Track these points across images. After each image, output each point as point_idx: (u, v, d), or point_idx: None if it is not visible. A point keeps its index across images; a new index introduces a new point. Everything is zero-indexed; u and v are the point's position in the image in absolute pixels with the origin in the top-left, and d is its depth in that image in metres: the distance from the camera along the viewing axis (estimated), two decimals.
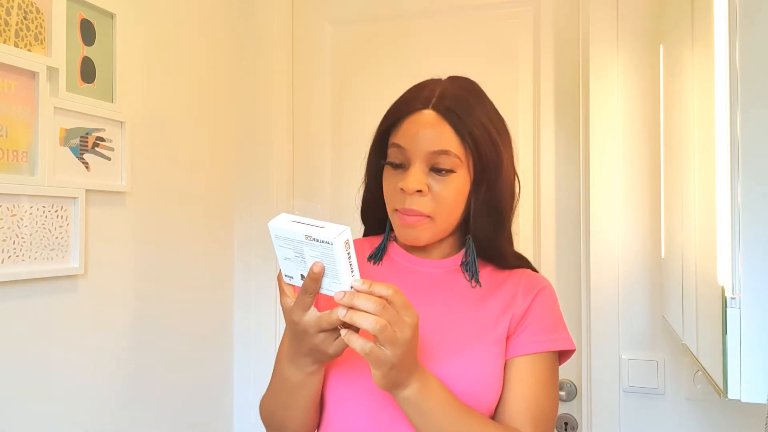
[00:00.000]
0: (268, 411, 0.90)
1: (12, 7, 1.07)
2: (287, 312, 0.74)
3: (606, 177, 1.47)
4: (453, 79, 0.91)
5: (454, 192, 0.85)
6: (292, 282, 0.75)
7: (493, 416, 0.85)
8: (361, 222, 1.03)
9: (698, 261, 0.92)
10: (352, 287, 0.69)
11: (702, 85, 0.88)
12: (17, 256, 1.09)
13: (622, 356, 1.45)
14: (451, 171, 0.84)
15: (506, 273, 0.93)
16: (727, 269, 0.74)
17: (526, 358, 0.85)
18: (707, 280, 0.84)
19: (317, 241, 0.68)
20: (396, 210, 0.87)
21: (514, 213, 0.93)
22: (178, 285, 1.53)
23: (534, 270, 0.96)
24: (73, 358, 1.21)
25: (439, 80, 0.91)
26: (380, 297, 0.68)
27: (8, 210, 1.07)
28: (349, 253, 0.68)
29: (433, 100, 0.85)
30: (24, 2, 1.09)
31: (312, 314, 0.72)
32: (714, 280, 0.78)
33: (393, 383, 0.72)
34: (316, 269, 0.69)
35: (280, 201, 1.77)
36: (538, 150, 1.60)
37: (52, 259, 1.15)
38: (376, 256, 0.96)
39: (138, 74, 1.38)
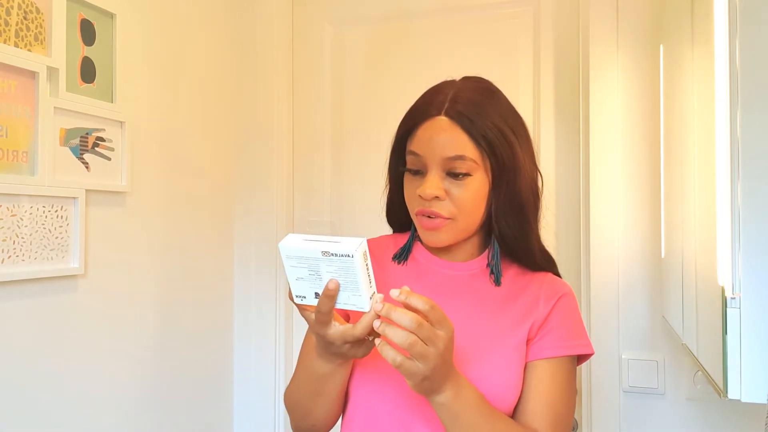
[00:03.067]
0: (293, 401, 0.91)
1: (12, 7, 1.07)
2: (311, 327, 0.76)
3: (606, 177, 1.47)
4: (467, 80, 0.91)
5: (472, 194, 0.85)
6: (304, 302, 0.75)
7: (511, 417, 0.86)
8: (381, 225, 1.04)
9: (698, 261, 0.92)
10: (390, 297, 0.69)
11: (702, 85, 0.88)
12: (17, 256, 1.09)
13: (622, 356, 1.45)
14: (467, 174, 0.84)
15: (529, 276, 0.93)
16: (727, 269, 0.74)
17: (546, 361, 0.86)
18: (707, 280, 0.84)
19: (336, 255, 0.68)
20: (417, 214, 0.88)
21: (539, 210, 0.93)
22: (178, 285, 1.53)
23: (557, 274, 0.96)
24: (72, 358, 1.21)
25: (452, 82, 0.91)
26: (417, 310, 0.69)
27: (8, 210, 1.07)
28: (367, 265, 0.69)
29: (446, 105, 0.85)
30: (24, 2, 1.09)
31: (336, 328, 0.73)
32: (714, 280, 0.78)
33: (426, 391, 0.74)
34: (331, 286, 0.70)
35: (280, 201, 1.77)
36: (538, 150, 1.59)
37: (52, 259, 1.15)
38: (401, 256, 0.96)
39: (138, 74, 1.38)
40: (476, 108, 0.85)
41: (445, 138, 0.84)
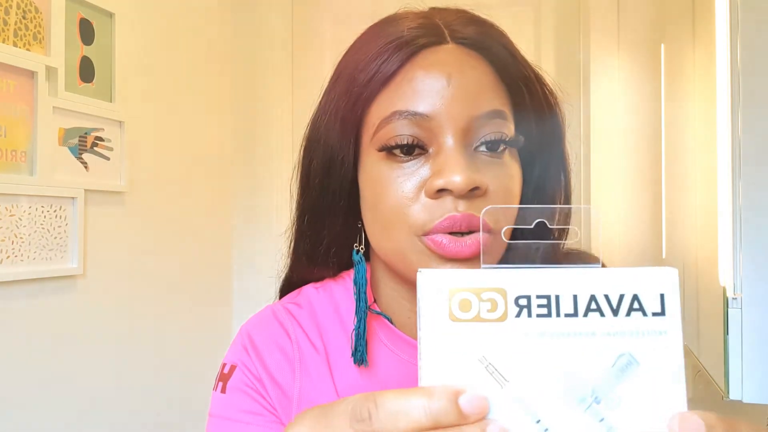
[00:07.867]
0: None
1: (11, 6, 1.07)
2: None
3: (606, 177, 1.46)
4: (441, 8, 0.54)
5: (516, 178, 0.49)
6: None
7: None
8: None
9: (699, 261, 0.92)
10: None
11: (703, 85, 0.88)
12: (16, 256, 1.08)
13: None
14: (507, 145, 0.48)
15: None
16: (728, 269, 0.74)
17: None
18: (708, 280, 0.83)
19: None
20: (432, 232, 0.45)
21: None
22: (177, 285, 1.52)
23: None
24: (71, 358, 1.21)
25: (419, 9, 0.55)
26: None
27: (7, 210, 1.07)
28: None
29: (446, 30, 0.49)
30: (23, 2, 1.09)
31: None
32: (715, 280, 0.78)
33: None
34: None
35: (279, 201, 1.77)
36: None
37: (50, 259, 1.15)
38: (356, 353, 0.53)
39: (137, 74, 1.38)
40: (492, 29, 0.52)
41: (468, 82, 0.47)
